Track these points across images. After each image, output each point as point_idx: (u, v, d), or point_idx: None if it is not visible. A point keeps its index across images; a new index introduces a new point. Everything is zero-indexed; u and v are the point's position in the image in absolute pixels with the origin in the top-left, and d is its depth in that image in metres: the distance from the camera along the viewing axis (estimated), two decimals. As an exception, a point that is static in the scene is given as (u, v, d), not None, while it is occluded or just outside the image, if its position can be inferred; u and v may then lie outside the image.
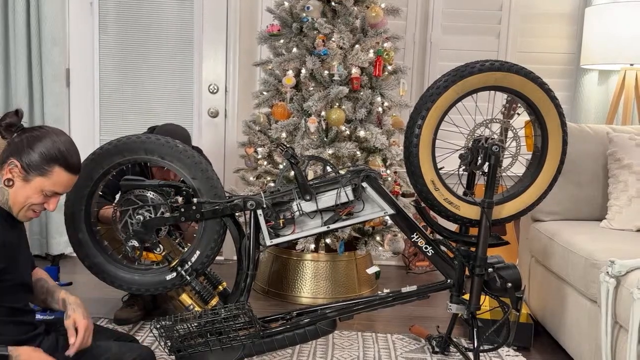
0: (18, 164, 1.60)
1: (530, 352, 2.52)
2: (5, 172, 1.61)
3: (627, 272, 1.94)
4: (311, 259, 3.10)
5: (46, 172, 1.62)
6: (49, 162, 1.62)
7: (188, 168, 1.99)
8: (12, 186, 1.61)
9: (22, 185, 1.62)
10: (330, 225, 2.04)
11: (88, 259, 2.05)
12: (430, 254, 2.11)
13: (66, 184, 1.68)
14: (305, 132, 2.96)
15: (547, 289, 2.65)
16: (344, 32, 2.96)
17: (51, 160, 1.62)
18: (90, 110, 3.79)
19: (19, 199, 1.63)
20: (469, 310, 2.11)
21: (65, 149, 1.65)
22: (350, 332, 2.67)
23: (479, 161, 2.06)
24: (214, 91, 3.78)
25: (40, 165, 1.61)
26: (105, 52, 3.76)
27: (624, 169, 2.60)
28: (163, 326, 1.92)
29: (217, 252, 2.08)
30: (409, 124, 2.08)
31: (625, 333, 1.92)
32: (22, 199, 1.63)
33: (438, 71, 3.67)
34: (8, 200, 1.64)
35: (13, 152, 1.62)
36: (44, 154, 1.62)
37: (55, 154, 1.63)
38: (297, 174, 2.00)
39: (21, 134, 1.65)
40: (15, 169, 1.61)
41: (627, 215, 2.56)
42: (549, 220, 2.78)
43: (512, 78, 2.03)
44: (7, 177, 1.61)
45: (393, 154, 3.05)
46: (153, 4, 3.73)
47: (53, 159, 1.62)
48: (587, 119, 3.67)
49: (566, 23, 3.76)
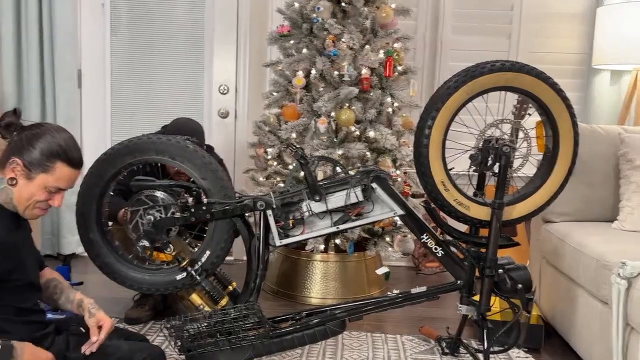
0: (20, 162, 1.61)
1: (540, 354, 2.51)
2: (8, 171, 1.62)
3: (638, 274, 1.93)
4: (321, 260, 3.10)
5: (48, 168, 1.63)
6: (50, 158, 1.63)
7: (198, 168, 2.00)
8: (15, 185, 1.62)
9: (25, 184, 1.62)
10: (339, 226, 2.04)
11: (99, 259, 2.06)
12: (440, 255, 2.11)
13: (69, 179, 1.69)
14: (315, 133, 2.97)
15: (557, 291, 2.63)
16: (354, 33, 2.96)
17: (52, 156, 1.63)
18: (102, 110, 3.82)
19: (24, 197, 1.64)
20: (479, 312, 2.10)
21: (66, 144, 1.66)
22: (359, 333, 2.67)
23: (490, 162, 2.05)
24: (224, 92, 3.79)
25: (42, 162, 1.62)
26: (116, 52, 3.78)
27: (636, 169, 2.58)
28: (173, 326, 1.93)
29: (227, 252, 2.08)
30: (419, 125, 2.07)
31: (636, 335, 1.91)
32: (27, 197, 1.64)
33: (448, 71, 3.66)
34: (12, 200, 1.64)
35: (14, 151, 1.63)
36: (45, 151, 1.62)
37: (56, 150, 1.63)
38: (307, 174, 2.00)
39: (20, 133, 1.66)
40: (17, 168, 1.61)
41: (639, 217, 2.54)
42: (559, 221, 2.76)
43: (523, 78, 2.02)
44: (10, 176, 1.62)
45: (403, 154, 3.05)
46: (164, 5, 3.75)
47: (54, 154, 1.63)
48: (598, 120, 3.65)
49: (577, 23, 3.74)
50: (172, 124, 2.78)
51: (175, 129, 2.68)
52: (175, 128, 2.71)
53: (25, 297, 1.69)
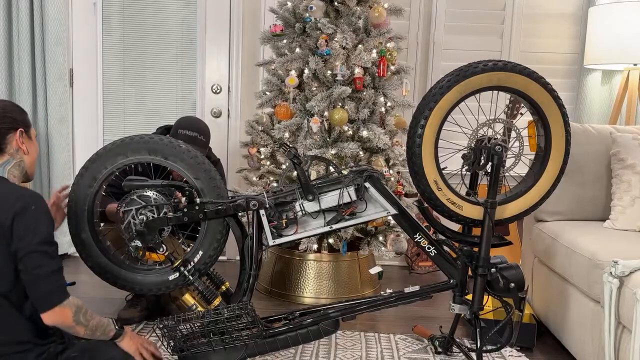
0: (19, 130, 1.77)
1: (533, 353, 2.52)
2: (12, 147, 1.75)
3: (630, 273, 1.94)
4: (314, 259, 3.10)
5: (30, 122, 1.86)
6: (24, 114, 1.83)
7: (191, 168, 2.00)
8: (26, 153, 1.80)
9: (29, 144, 1.81)
10: (333, 226, 2.04)
11: (91, 259, 2.06)
12: (433, 254, 2.11)
13: None
14: (308, 132, 2.96)
15: (550, 290, 2.64)
16: (346, 32, 2.96)
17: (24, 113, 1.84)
18: (94, 110, 3.80)
19: (34, 157, 1.84)
20: (472, 311, 2.11)
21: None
22: (353, 332, 2.67)
23: (482, 161, 2.06)
24: (217, 91, 3.78)
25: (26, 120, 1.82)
26: (108, 52, 3.77)
27: (628, 169, 2.59)
28: (166, 326, 1.93)
29: (220, 252, 2.08)
30: (412, 124, 2.07)
31: (628, 333, 1.92)
32: (35, 155, 1.85)
33: (441, 71, 3.67)
34: (25, 168, 1.80)
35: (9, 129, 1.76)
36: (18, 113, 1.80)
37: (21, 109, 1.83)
38: (300, 174, 2.00)
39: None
40: (21, 137, 1.77)
41: (630, 216, 2.55)
42: (552, 220, 2.78)
43: (515, 78, 2.03)
44: (17, 147, 1.77)
45: (396, 154, 3.05)
46: (156, 4, 3.73)
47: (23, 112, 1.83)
48: (590, 119, 3.66)
49: (570, 23, 3.75)
50: (181, 120, 2.76)
51: (186, 123, 2.71)
52: (186, 123, 2.71)
53: None
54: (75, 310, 1.68)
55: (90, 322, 1.72)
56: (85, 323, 1.70)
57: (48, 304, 1.63)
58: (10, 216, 1.59)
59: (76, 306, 1.68)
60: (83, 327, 1.70)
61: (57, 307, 1.63)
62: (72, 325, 1.67)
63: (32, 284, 1.61)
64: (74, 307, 1.67)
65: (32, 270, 1.60)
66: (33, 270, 1.60)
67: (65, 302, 1.65)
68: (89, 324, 1.72)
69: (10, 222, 1.59)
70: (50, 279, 1.63)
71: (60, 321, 1.65)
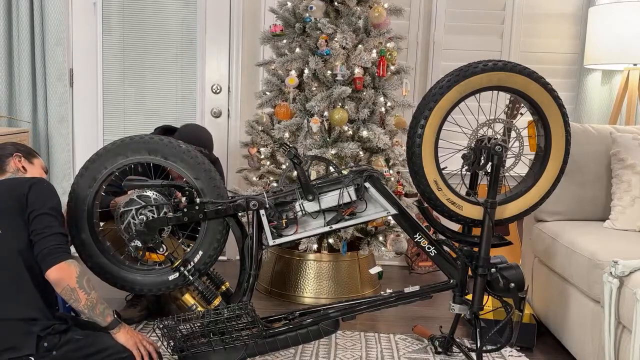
0: (18, 154, 1.98)
1: (533, 353, 2.51)
2: (11, 167, 1.95)
3: (630, 273, 1.94)
4: (314, 259, 3.10)
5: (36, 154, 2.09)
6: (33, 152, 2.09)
7: (191, 168, 2.00)
8: (26, 172, 1.98)
9: (31, 167, 2.01)
10: (333, 226, 2.04)
11: (91, 260, 2.06)
12: (433, 254, 2.11)
13: None
14: (308, 132, 2.96)
15: (550, 290, 2.64)
16: (346, 32, 2.96)
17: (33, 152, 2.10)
18: (94, 110, 3.80)
19: None
20: (472, 311, 2.11)
21: None
22: (353, 332, 2.67)
23: (482, 161, 2.06)
24: (217, 91, 3.78)
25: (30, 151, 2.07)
26: (108, 52, 3.77)
27: (628, 169, 2.59)
28: (166, 326, 1.93)
29: (220, 252, 2.08)
30: (412, 124, 2.07)
31: (628, 333, 1.92)
32: None
33: (441, 71, 3.67)
34: None
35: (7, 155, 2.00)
36: None
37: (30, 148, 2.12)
38: (300, 174, 2.00)
39: None
40: (20, 160, 1.99)
41: (630, 216, 2.55)
42: (552, 220, 2.78)
43: (515, 78, 2.03)
44: (19, 167, 1.98)
45: (396, 154, 3.05)
46: (156, 4, 3.73)
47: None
48: (590, 119, 3.66)
49: (569, 23, 3.75)
50: (183, 131, 2.73)
51: (188, 136, 2.62)
52: (188, 136, 2.63)
53: None
54: (80, 272, 1.74)
55: (92, 293, 1.76)
56: (87, 290, 1.74)
57: (55, 258, 1.70)
58: (27, 186, 1.79)
59: (81, 268, 1.75)
60: (85, 293, 1.73)
61: (63, 262, 1.70)
62: (75, 288, 1.71)
63: (41, 240, 1.72)
64: (78, 268, 1.74)
65: (42, 229, 1.73)
66: (43, 229, 1.73)
67: (71, 260, 1.73)
68: (90, 292, 1.75)
69: (27, 190, 1.78)
70: (58, 237, 1.75)
71: (65, 277, 1.70)
